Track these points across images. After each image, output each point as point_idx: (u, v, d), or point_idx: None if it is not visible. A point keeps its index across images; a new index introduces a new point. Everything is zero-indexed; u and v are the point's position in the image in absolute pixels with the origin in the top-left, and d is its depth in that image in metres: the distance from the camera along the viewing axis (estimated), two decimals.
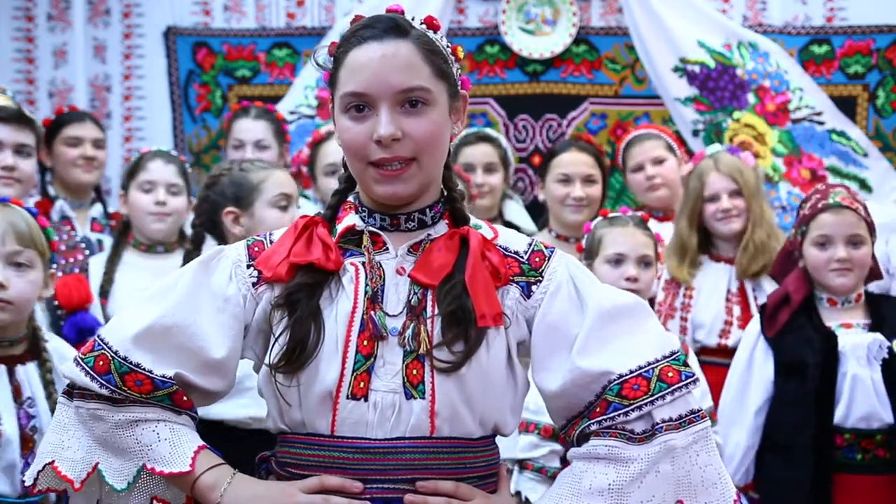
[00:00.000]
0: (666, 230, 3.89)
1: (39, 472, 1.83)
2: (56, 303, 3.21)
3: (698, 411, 1.80)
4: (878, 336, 3.16)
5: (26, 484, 1.86)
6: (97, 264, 3.62)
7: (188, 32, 5.13)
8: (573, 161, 3.91)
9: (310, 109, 4.87)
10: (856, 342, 3.16)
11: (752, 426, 3.26)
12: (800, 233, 3.29)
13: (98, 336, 1.84)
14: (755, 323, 3.36)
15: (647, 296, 3.27)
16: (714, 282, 3.76)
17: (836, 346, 3.16)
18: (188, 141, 5.12)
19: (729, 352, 3.58)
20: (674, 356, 1.81)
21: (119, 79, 5.20)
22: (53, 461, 1.81)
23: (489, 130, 4.65)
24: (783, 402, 3.23)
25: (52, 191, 4.04)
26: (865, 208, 3.27)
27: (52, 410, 2.38)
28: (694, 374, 1.81)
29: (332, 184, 4.06)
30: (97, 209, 4.09)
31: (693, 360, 3.27)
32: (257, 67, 5.12)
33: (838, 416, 3.13)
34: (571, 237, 3.84)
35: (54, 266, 2.72)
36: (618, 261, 3.18)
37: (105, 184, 4.78)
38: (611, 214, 3.32)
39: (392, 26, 1.79)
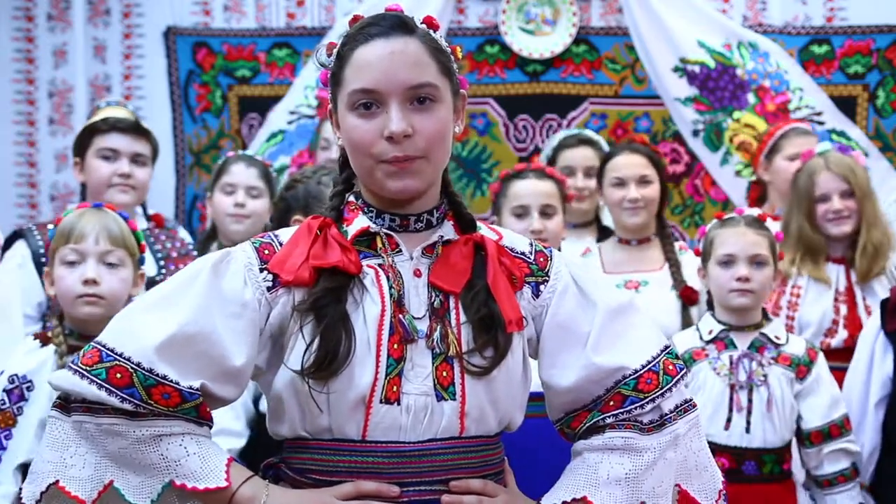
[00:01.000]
0: None
1: (43, 493, 1.74)
2: None
3: (690, 400, 1.88)
4: None
5: None
6: None
7: (188, 32, 5.13)
8: (626, 164, 3.80)
9: (310, 109, 4.87)
10: None
11: (875, 423, 3.21)
12: None
13: (103, 346, 1.74)
14: (875, 318, 3.30)
15: (765, 296, 3.22)
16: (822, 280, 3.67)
17: None
18: (188, 141, 5.12)
19: (832, 352, 3.50)
20: (668, 349, 1.88)
21: (119, 79, 5.19)
22: (58, 481, 1.73)
23: (590, 133, 4.55)
24: None
25: None
26: None
27: None
28: (685, 366, 1.91)
29: None
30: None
31: (824, 368, 3.18)
32: (257, 67, 5.12)
33: None
34: (633, 239, 3.76)
35: (143, 267, 2.87)
36: (728, 262, 3.13)
37: None
38: (725, 216, 3.27)
39: (398, 23, 1.79)
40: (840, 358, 3.44)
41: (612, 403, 1.83)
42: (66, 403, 1.77)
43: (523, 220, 3.37)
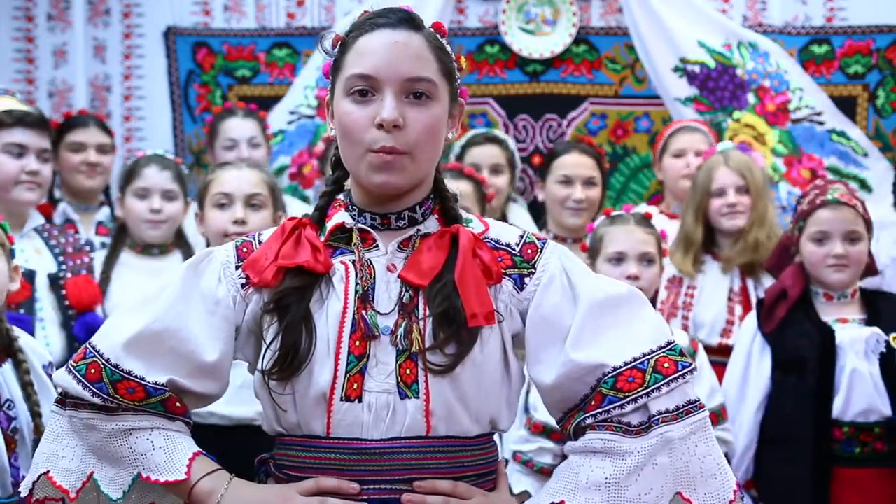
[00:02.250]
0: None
1: (35, 482, 1.81)
2: (66, 303, 3.27)
3: (696, 401, 1.77)
4: (876, 330, 3.17)
5: (22, 495, 1.84)
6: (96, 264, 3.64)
7: (188, 32, 5.13)
8: (575, 163, 3.88)
9: (310, 109, 4.87)
10: (853, 336, 3.17)
11: (752, 422, 3.27)
12: (797, 228, 3.30)
13: (89, 343, 1.82)
14: (752, 319, 3.35)
15: (651, 293, 3.26)
16: (716, 281, 3.76)
17: (833, 340, 3.16)
18: (188, 141, 5.12)
19: (730, 351, 3.57)
20: (669, 346, 1.78)
21: (119, 79, 5.20)
22: (48, 471, 1.80)
23: (497, 132, 4.64)
24: (781, 397, 3.23)
25: (57, 193, 4.05)
26: (863, 204, 3.28)
27: (32, 412, 2.40)
28: (691, 364, 1.78)
29: None
30: (104, 213, 4.10)
31: (703, 358, 3.26)
32: (257, 67, 5.12)
33: (836, 409, 3.13)
34: (569, 238, 3.83)
35: (14, 265, 2.66)
36: (618, 259, 3.17)
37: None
38: (613, 213, 3.31)
39: (406, 18, 1.79)
40: None
41: (593, 403, 1.76)
42: (64, 399, 1.83)
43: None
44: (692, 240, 3.77)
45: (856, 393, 3.13)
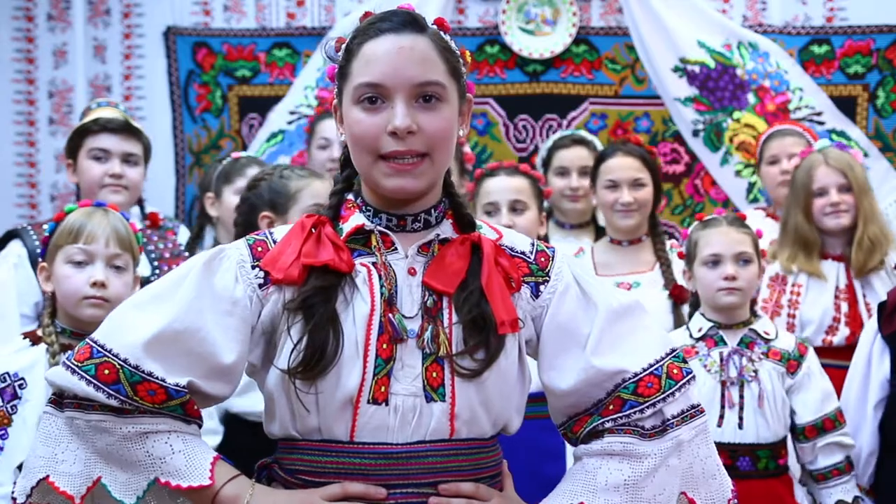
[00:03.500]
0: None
1: (33, 487, 1.75)
2: None
3: (697, 405, 1.83)
4: None
5: (18, 501, 1.78)
6: None
7: (188, 32, 5.13)
8: (619, 166, 3.79)
9: (309, 109, 4.87)
10: None
11: (874, 425, 3.20)
12: None
13: (94, 342, 1.75)
14: (872, 321, 3.28)
15: (752, 293, 3.24)
16: (821, 278, 3.69)
17: None
18: (188, 141, 5.12)
19: (834, 350, 3.55)
20: (675, 353, 1.83)
21: (119, 79, 5.19)
22: (48, 476, 1.74)
23: (584, 133, 4.57)
24: None
25: None
26: None
27: None
28: (692, 371, 1.83)
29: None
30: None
31: (814, 361, 3.19)
32: (257, 67, 5.12)
33: None
34: (625, 240, 3.77)
35: (136, 275, 2.83)
36: (715, 262, 3.15)
37: None
38: (706, 217, 3.30)
39: (409, 20, 1.77)
40: (842, 356, 3.46)
41: (611, 407, 1.79)
42: (60, 399, 1.77)
43: (493, 216, 3.39)
44: (810, 240, 3.68)
45: None
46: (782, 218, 3.81)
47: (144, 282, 3.21)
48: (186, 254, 3.56)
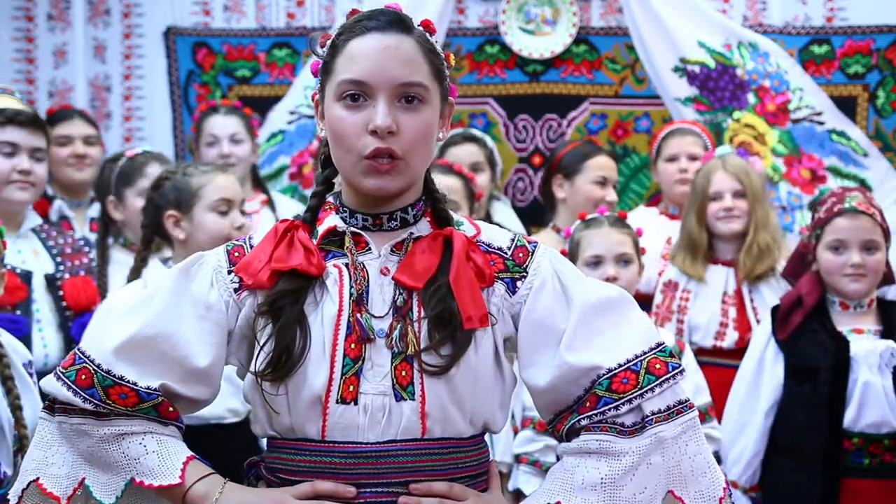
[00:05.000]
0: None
1: (24, 489, 1.80)
2: (64, 304, 3.26)
3: (686, 401, 1.80)
4: (891, 343, 3.15)
5: (11, 502, 1.83)
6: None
7: (188, 32, 5.13)
8: (610, 166, 3.96)
9: (309, 109, 4.86)
10: (868, 349, 3.15)
11: (762, 428, 3.25)
12: (814, 236, 3.28)
13: (78, 349, 1.81)
14: (766, 325, 3.34)
15: (632, 293, 3.26)
16: (711, 284, 3.77)
17: (848, 351, 3.15)
18: (188, 141, 5.12)
19: (724, 352, 3.63)
20: (660, 348, 1.80)
21: (119, 79, 5.20)
22: (38, 478, 1.79)
23: (474, 131, 4.68)
24: (793, 405, 3.22)
25: (49, 191, 4.04)
26: (881, 213, 3.26)
27: (13, 405, 2.42)
28: (680, 365, 1.81)
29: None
30: (96, 209, 4.09)
31: (690, 358, 3.29)
32: (257, 67, 5.12)
33: (847, 420, 3.12)
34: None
35: (9, 267, 2.75)
36: (596, 262, 3.20)
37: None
38: (588, 217, 3.34)
39: (396, 20, 1.78)
40: (735, 356, 3.55)
41: (588, 404, 1.77)
42: (53, 405, 1.82)
43: None
44: (698, 243, 3.78)
45: (868, 405, 3.12)
46: (682, 221, 3.92)
47: (50, 278, 3.24)
48: (86, 249, 3.49)
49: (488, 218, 4.28)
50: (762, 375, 3.28)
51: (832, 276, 3.23)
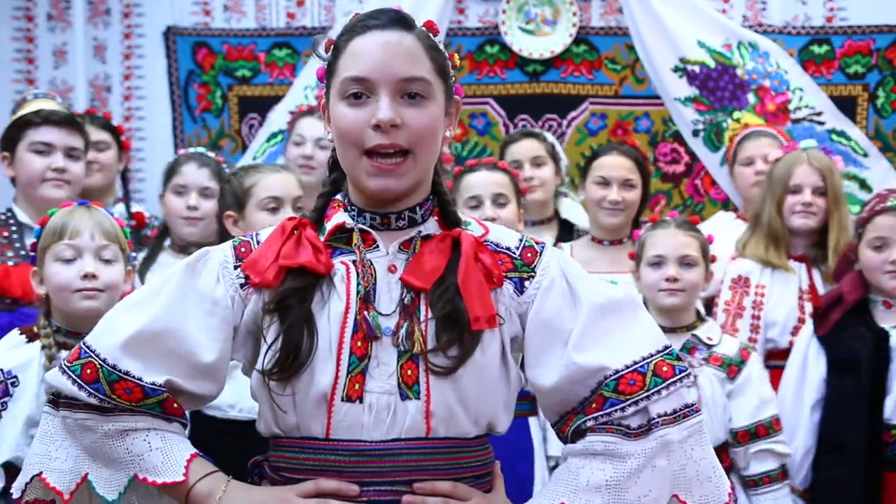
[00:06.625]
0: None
1: (27, 483, 1.80)
2: None
3: (692, 405, 1.79)
4: None
5: (14, 496, 1.84)
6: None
7: (188, 32, 5.13)
8: (612, 164, 3.81)
9: None
10: None
11: (809, 424, 3.25)
12: (856, 235, 3.31)
13: (84, 343, 1.81)
14: (808, 326, 3.35)
15: (694, 296, 3.26)
16: (786, 280, 3.68)
17: (887, 342, 3.16)
18: (188, 141, 5.12)
19: None
20: (667, 350, 1.80)
21: (119, 79, 5.20)
22: (41, 472, 1.79)
23: (535, 129, 4.64)
24: (836, 400, 3.23)
25: None
26: None
27: None
28: (687, 369, 1.80)
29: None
30: (119, 209, 4.09)
31: (755, 367, 3.21)
32: (257, 67, 5.12)
33: (888, 411, 3.12)
34: (606, 240, 3.78)
35: (128, 268, 2.82)
36: (658, 263, 3.19)
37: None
38: (658, 219, 3.34)
39: (397, 18, 1.79)
40: None
41: (594, 406, 1.77)
42: (57, 399, 1.82)
43: (476, 210, 3.43)
44: (780, 235, 3.67)
45: None
46: (753, 211, 3.82)
47: None
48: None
49: (556, 215, 4.24)
50: (806, 373, 3.28)
51: (874, 273, 3.25)
